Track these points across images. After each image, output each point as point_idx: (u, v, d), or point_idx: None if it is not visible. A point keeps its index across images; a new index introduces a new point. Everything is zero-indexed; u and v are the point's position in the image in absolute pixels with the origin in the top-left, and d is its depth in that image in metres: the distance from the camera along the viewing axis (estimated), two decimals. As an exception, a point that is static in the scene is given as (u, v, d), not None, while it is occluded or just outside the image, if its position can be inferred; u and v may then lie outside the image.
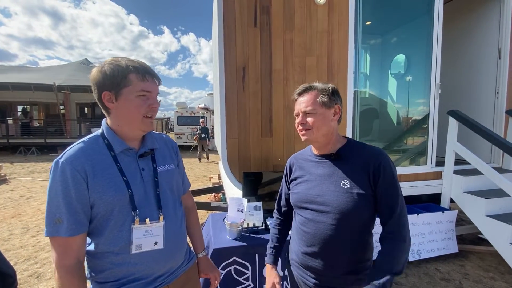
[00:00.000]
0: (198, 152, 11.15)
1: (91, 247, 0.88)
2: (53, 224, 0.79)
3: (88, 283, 0.90)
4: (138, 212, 0.88)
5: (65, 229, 0.79)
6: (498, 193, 2.76)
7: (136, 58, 0.98)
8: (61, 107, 15.48)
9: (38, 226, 3.94)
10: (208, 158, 11.47)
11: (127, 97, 0.85)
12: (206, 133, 10.81)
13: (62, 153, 0.84)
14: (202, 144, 11.04)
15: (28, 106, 18.15)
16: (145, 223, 0.89)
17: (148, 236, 0.89)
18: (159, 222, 0.92)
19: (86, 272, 0.90)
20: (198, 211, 1.31)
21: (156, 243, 0.91)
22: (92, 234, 0.87)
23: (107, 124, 0.92)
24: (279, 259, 1.26)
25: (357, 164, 1.02)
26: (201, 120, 11.49)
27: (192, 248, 1.20)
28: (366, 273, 1.04)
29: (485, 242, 2.98)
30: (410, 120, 3.81)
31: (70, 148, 0.85)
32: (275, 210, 1.35)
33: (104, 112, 0.91)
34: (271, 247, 1.27)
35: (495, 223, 2.58)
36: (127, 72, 0.85)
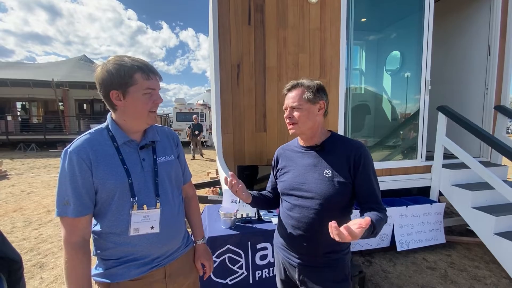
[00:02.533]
0: (192, 150, 10.72)
1: (97, 227, 0.97)
2: (62, 205, 0.89)
3: (95, 258, 1.00)
4: (136, 199, 0.96)
5: (72, 210, 0.89)
6: (484, 186, 2.87)
7: (136, 56, 1.05)
8: (60, 104, 15.51)
9: (39, 219, 4.04)
10: (202, 155, 11.08)
11: (134, 95, 0.92)
12: (199, 130, 10.34)
13: (71, 143, 0.93)
14: (195, 142, 10.60)
15: (27, 103, 18.16)
16: (143, 209, 0.97)
17: (145, 221, 0.98)
18: (156, 208, 1.00)
19: (93, 249, 1.00)
20: None
21: (152, 227, 0.99)
22: (97, 216, 0.97)
23: (112, 118, 1.00)
24: (251, 195, 1.28)
25: (339, 155, 1.12)
26: (193, 116, 10.85)
27: (191, 235, 1.28)
28: (344, 253, 1.16)
29: (473, 233, 3.09)
30: (402, 116, 3.90)
31: (78, 139, 0.94)
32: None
33: (110, 108, 0.98)
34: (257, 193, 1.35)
35: (480, 214, 2.69)
36: (133, 71, 0.91)
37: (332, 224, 0.83)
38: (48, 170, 8.18)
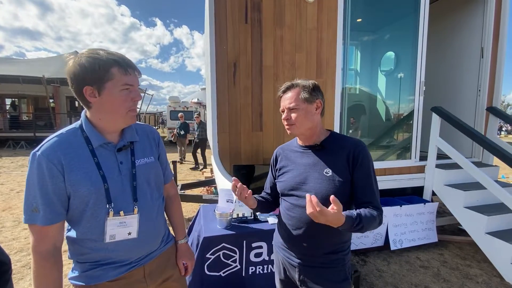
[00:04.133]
0: (179, 152, 9.43)
1: (72, 233, 0.92)
2: (30, 212, 0.83)
3: (71, 261, 0.97)
4: (112, 205, 0.90)
5: (41, 218, 0.83)
6: (476, 186, 2.92)
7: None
8: (51, 101, 15.19)
9: (29, 219, 3.95)
10: (182, 160, 9.28)
11: (110, 92, 0.85)
12: (185, 130, 8.85)
13: (40, 145, 0.84)
14: (181, 142, 9.16)
15: (16, 99, 17.74)
16: (120, 215, 0.92)
17: (122, 227, 0.92)
18: (133, 214, 0.95)
19: (68, 253, 0.96)
20: (191, 203, 1.35)
21: (129, 233, 0.94)
22: (71, 222, 0.91)
23: (86, 116, 0.92)
24: (256, 200, 1.27)
25: (338, 154, 1.12)
26: (179, 114, 9.32)
27: (172, 234, 1.24)
28: (344, 253, 1.15)
29: (464, 232, 3.15)
30: (396, 116, 3.94)
31: (48, 141, 0.85)
32: (262, 192, 1.44)
33: (83, 105, 0.90)
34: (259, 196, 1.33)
35: (472, 214, 2.74)
36: (109, 65, 0.83)
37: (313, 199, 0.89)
38: (38, 168, 8.00)
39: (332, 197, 0.90)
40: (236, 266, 1.90)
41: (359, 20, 3.57)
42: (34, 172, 0.82)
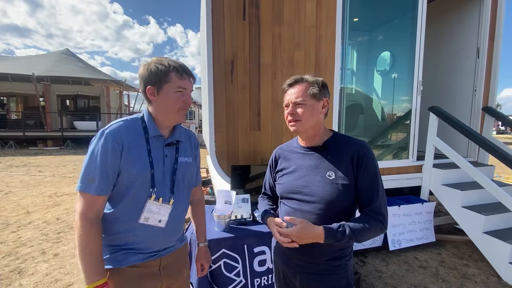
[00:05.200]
0: None
1: (106, 210, 1.00)
2: (86, 181, 0.93)
3: None
4: (155, 190, 1.02)
5: (95, 188, 0.93)
6: (473, 185, 2.93)
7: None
8: (41, 99, 14.83)
9: (18, 221, 3.81)
10: None
11: (166, 92, 1.00)
12: None
13: (108, 125, 0.99)
14: None
15: (5, 98, 17.29)
16: (158, 202, 1.02)
17: (156, 213, 1.02)
18: (168, 204, 1.05)
19: None
20: None
21: (160, 221, 1.04)
22: (113, 199, 1.00)
23: (148, 110, 1.07)
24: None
25: (342, 156, 1.06)
26: None
27: (188, 235, 1.32)
28: (347, 259, 1.10)
29: (461, 232, 3.16)
30: (394, 116, 3.93)
31: (115, 123, 1.00)
32: (262, 194, 1.38)
33: (147, 102, 1.06)
34: (270, 209, 1.26)
35: (470, 213, 2.74)
36: (169, 70, 0.99)
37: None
38: (27, 168, 7.79)
39: (285, 217, 0.98)
40: (241, 280, 1.80)
41: (355, 19, 3.55)
42: (100, 146, 0.93)
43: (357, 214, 1.11)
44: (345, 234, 0.94)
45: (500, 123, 4.17)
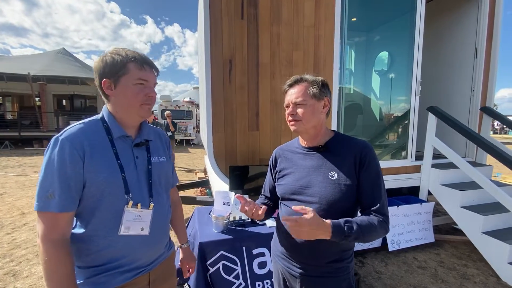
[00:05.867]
0: None
1: (78, 230, 0.89)
2: (45, 198, 0.81)
3: None
4: (131, 196, 0.92)
5: (56, 204, 0.81)
6: (472, 185, 2.92)
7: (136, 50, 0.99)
8: (37, 99, 14.70)
9: (13, 223, 3.76)
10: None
11: (125, 85, 0.90)
12: (166, 130, 7.23)
13: (62, 131, 0.86)
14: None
15: (0, 97, 17.11)
16: (137, 208, 0.93)
17: (137, 220, 0.93)
18: (148, 209, 0.96)
19: None
20: (184, 205, 1.33)
21: (142, 229, 0.94)
22: (81, 216, 0.89)
23: (107, 109, 0.96)
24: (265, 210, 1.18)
25: (344, 156, 1.05)
26: (166, 113, 7.64)
27: (172, 239, 1.23)
28: (348, 261, 1.08)
29: (459, 232, 3.16)
30: (393, 116, 3.92)
31: (71, 127, 0.88)
32: (261, 195, 1.36)
33: (104, 98, 0.95)
34: (262, 203, 1.26)
35: (469, 213, 2.74)
36: (126, 61, 0.89)
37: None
38: (23, 169, 7.70)
39: (293, 207, 0.91)
40: (240, 283, 1.76)
41: (353, 19, 3.54)
42: (55, 156, 0.82)
43: (358, 215, 1.09)
44: (353, 230, 0.90)
45: (496, 123, 4.18)
